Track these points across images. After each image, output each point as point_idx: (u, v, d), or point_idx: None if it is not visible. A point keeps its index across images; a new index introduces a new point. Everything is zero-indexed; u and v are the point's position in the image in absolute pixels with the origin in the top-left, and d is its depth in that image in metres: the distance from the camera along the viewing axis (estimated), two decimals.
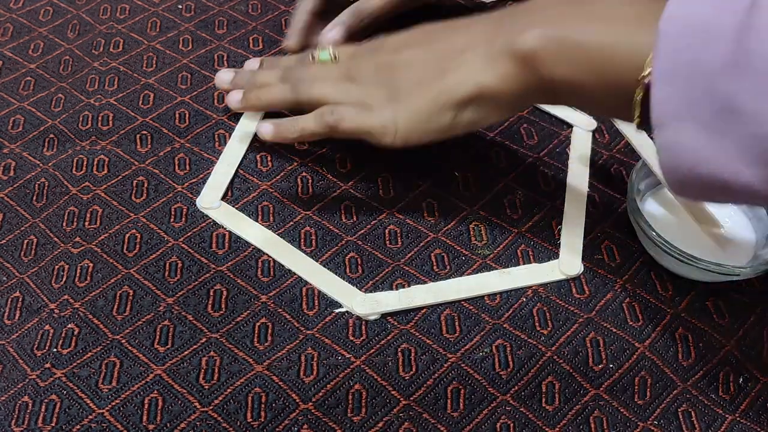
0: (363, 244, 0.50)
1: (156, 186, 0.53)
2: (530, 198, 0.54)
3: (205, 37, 0.66)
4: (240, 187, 0.54)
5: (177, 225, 0.51)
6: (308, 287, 0.48)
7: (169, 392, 0.43)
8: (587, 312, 0.47)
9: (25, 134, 0.57)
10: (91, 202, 0.52)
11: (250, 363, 0.44)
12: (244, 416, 0.42)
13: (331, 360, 0.44)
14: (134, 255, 0.49)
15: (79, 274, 0.48)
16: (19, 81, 0.61)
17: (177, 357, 0.44)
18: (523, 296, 0.48)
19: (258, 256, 0.50)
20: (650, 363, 0.45)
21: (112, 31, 0.66)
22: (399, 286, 0.48)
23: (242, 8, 0.69)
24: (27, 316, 0.46)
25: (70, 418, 0.41)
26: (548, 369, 0.45)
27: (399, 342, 0.45)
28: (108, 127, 0.57)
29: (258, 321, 0.46)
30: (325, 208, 0.53)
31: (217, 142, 0.57)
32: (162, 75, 0.62)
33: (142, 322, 0.46)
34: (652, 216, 0.50)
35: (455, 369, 0.44)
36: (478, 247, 0.51)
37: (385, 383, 0.44)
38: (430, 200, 0.53)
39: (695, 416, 0.44)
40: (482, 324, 0.46)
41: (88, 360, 0.44)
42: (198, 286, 0.48)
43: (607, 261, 0.50)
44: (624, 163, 0.56)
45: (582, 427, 0.43)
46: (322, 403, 0.43)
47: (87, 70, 0.62)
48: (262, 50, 0.64)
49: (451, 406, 0.43)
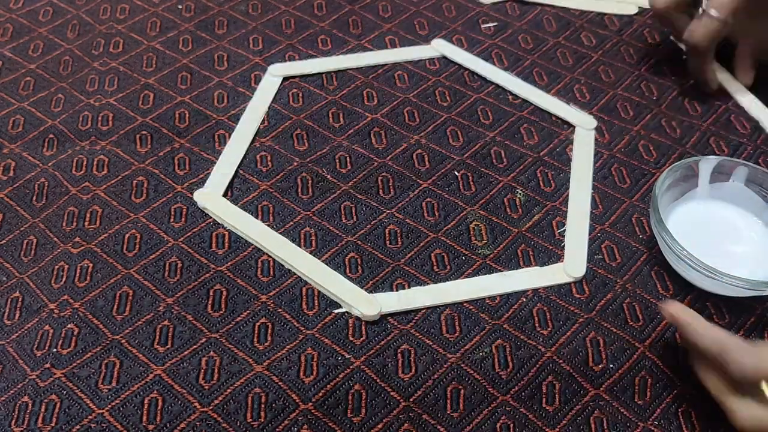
0: (363, 244, 0.50)
1: (156, 186, 0.53)
2: (530, 198, 0.54)
3: (205, 37, 0.65)
4: (240, 187, 0.54)
5: (177, 225, 0.51)
6: (308, 287, 0.48)
7: (169, 392, 0.43)
8: (587, 312, 0.47)
9: (25, 134, 0.57)
10: (90, 202, 0.52)
11: (250, 363, 0.44)
12: (244, 416, 0.42)
13: (331, 360, 0.44)
14: (134, 255, 0.49)
15: (78, 274, 0.48)
16: (19, 81, 0.61)
17: (177, 357, 0.44)
18: (523, 296, 0.48)
19: (258, 256, 0.49)
20: (650, 363, 0.45)
21: (112, 31, 0.66)
22: (399, 286, 0.48)
23: (242, 8, 0.69)
24: (27, 316, 0.46)
25: (70, 418, 0.41)
26: (548, 369, 0.45)
27: (399, 342, 0.45)
28: (108, 127, 0.57)
29: (258, 321, 0.46)
30: (325, 208, 0.53)
31: (217, 142, 0.57)
32: (162, 75, 0.62)
33: (141, 322, 0.46)
34: (677, 229, 0.48)
35: (455, 369, 0.44)
36: (478, 247, 0.51)
37: (385, 384, 0.44)
38: (430, 200, 0.53)
39: (695, 416, 0.44)
40: (482, 324, 0.46)
41: (87, 360, 0.44)
42: (198, 286, 0.48)
43: (607, 261, 0.50)
44: (624, 163, 0.56)
45: (582, 427, 0.43)
46: (322, 403, 0.43)
47: (87, 70, 0.62)
48: (262, 50, 0.64)
49: (450, 407, 0.43)
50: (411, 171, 0.55)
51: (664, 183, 0.49)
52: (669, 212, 0.50)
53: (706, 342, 0.40)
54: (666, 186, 0.49)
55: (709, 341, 0.40)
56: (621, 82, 0.63)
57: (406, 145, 0.57)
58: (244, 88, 0.61)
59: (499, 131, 0.58)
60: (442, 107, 0.60)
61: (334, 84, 0.62)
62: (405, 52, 0.65)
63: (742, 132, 0.59)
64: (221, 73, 0.62)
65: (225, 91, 0.61)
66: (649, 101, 0.61)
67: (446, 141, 0.57)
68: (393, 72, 0.63)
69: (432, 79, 0.63)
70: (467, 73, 0.63)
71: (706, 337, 0.41)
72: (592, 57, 0.65)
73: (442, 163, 0.56)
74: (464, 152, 0.57)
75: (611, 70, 0.64)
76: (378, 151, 0.56)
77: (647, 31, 0.68)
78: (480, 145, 0.57)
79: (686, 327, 0.42)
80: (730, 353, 0.39)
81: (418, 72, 0.63)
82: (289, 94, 0.61)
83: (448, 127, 0.59)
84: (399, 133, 0.58)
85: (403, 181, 0.55)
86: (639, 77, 0.63)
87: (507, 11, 0.69)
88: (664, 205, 0.49)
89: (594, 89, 0.62)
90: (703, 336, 0.41)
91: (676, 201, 0.51)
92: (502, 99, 0.61)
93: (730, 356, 0.39)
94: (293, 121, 0.59)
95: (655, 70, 0.64)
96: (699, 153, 0.57)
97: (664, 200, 0.49)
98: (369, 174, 0.55)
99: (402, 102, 0.60)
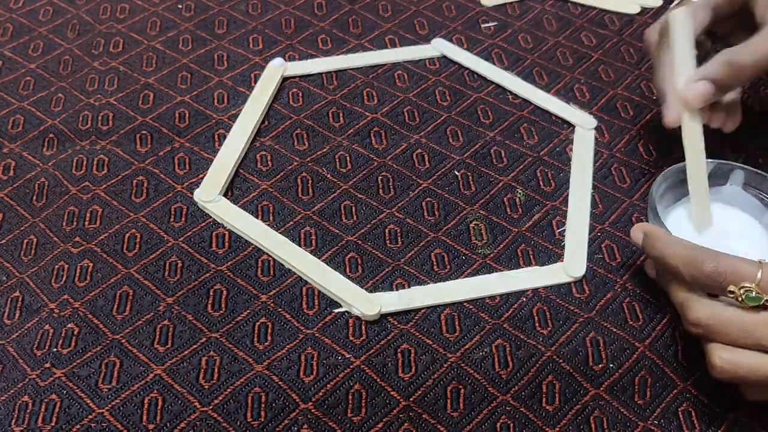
0: (363, 244, 0.50)
1: (156, 186, 0.53)
2: (530, 198, 0.54)
3: (205, 37, 0.65)
4: (240, 186, 0.54)
5: (177, 225, 0.51)
6: (308, 287, 0.48)
7: (169, 392, 0.43)
8: (587, 312, 0.47)
9: (25, 134, 0.57)
10: (90, 201, 0.52)
11: (250, 363, 0.44)
12: (244, 416, 0.42)
13: (331, 360, 0.44)
14: (134, 255, 0.49)
15: (78, 274, 0.48)
16: (19, 81, 0.61)
17: (177, 357, 0.44)
18: (523, 296, 0.48)
19: (258, 255, 0.49)
20: (650, 363, 0.45)
21: (112, 30, 0.66)
22: (399, 286, 0.48)
23: (242, 8, 0.69)
24: (27, 316, 0.46)
25: (70, 418, 0.41)
26: (548, 369, 0.45)
27: (399, 342, 0.45)
28: (108, 127, 0.57)
29: (258, 321, 0.46)
30: (325, 208, 0.53)
31: (217, 142, 0.57)
32: (162, 75, 0.62)
33: (141, 321, 0.46)
34: (676, 233, 0.46)
35: (455, 369, 0.44)
36: (478, 246, 0.51)
37: (385, 383, 0.44)
38: (430, 200, 0.53)
39: (695, 416, 0.44)
40: (482, 324, 0.46)
41: (87, 360, 0.44)
42: (198, 285, 0.48)
43: (607, 261, 0.50)
44: (624, 162, 0.56)
45: (582, 427, 0.43)
46: (322, 403, 0.43)
47: (87, 69, 0.62)
48: (262, 50, 0.64)
49: (450, 406, 0.43)
50: (411, 171, 0.55)
51: (660, 187, 0.49)
52: (666, 215, 0.50)
53: (677, 251, 0.41)
54: (662, 190, 0.49)
55: (679, 250, 0.41)
56: (621, 82, 0.63)
57: (406, 145, 0.57)
58: (244, 88, 0.61)
59: (499, 131, 0.58)
60: (442, 107, 0.60)
61: (334, 84, 0.62)
62: (405, 51, 0.65)
63: None
64: (221, 73, 0.62)
65: (225, 91, 0.61)
66: (649, 101, 0.61)
67: (446, 141, 0.57)
68: (393, 72, 0.63)
69: (432, 78, 0.63)
70: (467, 72, 0.63)
71: (674, 246, 0.42)
72: (592, 57, 0.65)
73: (442, 163, 0.56)
74: (464, 152, 0.57)
75: (611, 69, 0.64)
76: (378, 151, 0.56)
77: None
78: (480, 145, 0.57)
79: (656, 240, 0.43)
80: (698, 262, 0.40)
81: (418, 72, 0.63)
82: (289, 94, 0.61)
83: (448, 126, 0.59)
84: (399, 132, 0.58)
85: (403, 180, 0.55)
86: (639, 77, 0.63)
87: (507, 11, 0.70)
88: (661, 209, 0.49)
89: (594, 89, 0.62)
90: (672, 245, 0.42)
91: (673, 205, 0.50)
92: (502, 99, 0.61)
93: (698, 265, 0.40)
94: (293, 120, 0.59)
95: None
96: None
97: (661, 204, 0.49)
98: (369, 174, 0.55)
99: (402, 102, 0.60)
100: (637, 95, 0.62)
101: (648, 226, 0.45)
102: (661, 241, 0.43)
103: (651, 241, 0.44)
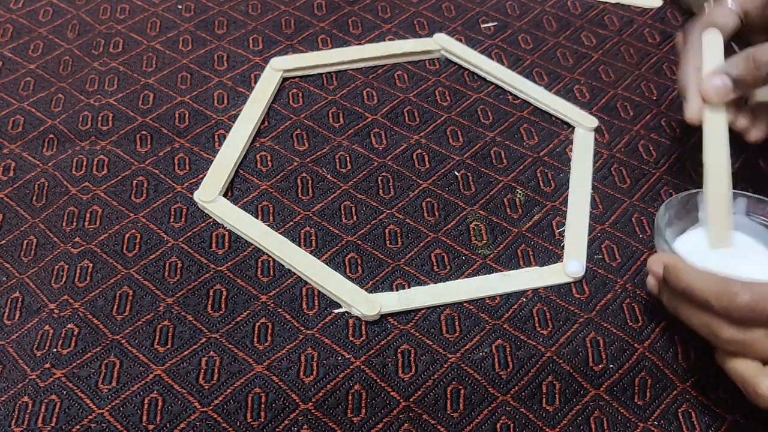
0: (363, 244, 0.50)
1: (156, 186, 0.53)
2: (530, 198, 0.54)
3: (205, 37, 0.65)
4: (240, 187, 0.54)
5: (177, 225, 0.51)
6: (308, 287, 0.48)
7: (169, 392, 0.43)
8: (587, 312, 0.47)
9: (24, 134, 0.57)
10: (90, 202, 0.52)
11: (250, 363, 0.44)
12: (244, 416, 0.42)
13: (331, 360, 0.44)
14: (134, 255, 0.49)
15: (78, 275, 0.48)
16: (19, 81, 0.61)
17: (177, 357, 0.44)
18: (523, 296, 0.48)
19: (258, 256, 0.50)
20: (650, 363, 0.45)
21: (112, 31, 0.66)
22: (399, 286, 0.48)
23: (242, 8, 0.69)
24: (27, 316, 0.46)
25: (69, 418, 0.41)
26: (548, 369, 0.45)
27: (399, 342, 0.45)
28: (108, 127, 0.57)
29: (258, 321, 0.46)
30: (325, 209, 0.53)
31: (217, 142, 0.57)
32: (162, 75, 0.62)
33: (141, 322, 0.46)
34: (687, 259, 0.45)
35: (455, 369, 0.44)
36: (478, 247, 0.51)
37: (385, 384, 0.44)
38: (430, 200, 0.53)
39: (695, 417, 0.44)
40: (482, 324, 0.46)
41: (87, 360, 0.44)
42: (198, 286, 0.48)
43: (608, 261, 0.50)
44: (624, 163, 0.56)
45: (582, 427, 0.43)
46: (322, 403, 0.43)
47: (87, 70, 0.62)
48: (262, 50, 0.64)
49: (450, 407, 0.43)
50: (411, 171, 0.55)
51: (664, 217, 0.47)
52: (674, 245, 0.47)
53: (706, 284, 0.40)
54: (668, 218, 0.47)
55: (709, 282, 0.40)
56: (621, 82, 0.63)
57: (406, 145, 0.57)
58: (244, 88, 0.61)
59: (499, 131, 0.58)
60: (442, 107, 0.60)
61: (334, 84, 0.62)
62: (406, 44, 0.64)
63: None
64: (221, 73, 0.62)
65: (225, 91, 0.61)
66: (649, 101, 0.61)
67: (446, 141, 0.57)
68: (393, 72, 0.63)
69: (432, 79, 0.63)
70: (467, 73, 0.63)
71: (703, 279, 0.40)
72: (592, 57, 0.65)
73: (442, 163, 0.56)
74: (464, 152, 0.57)
75: (611, 70, 0.64)
76: (378, 151, 0.57)
77: (647, 31, 0.68)
78: (480, 145, 0.57)
79: (680, 272, 0.41)
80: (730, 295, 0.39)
81: (418, 72, 0.63)
82: (289, 94, 0.61)
83: (448, 127, 0.59)
84: (399, 133, 0.58)
85: (403, 181, 0.55)
86: (639, 77, 0.63)
87: (507, 11, 0.70)
88: (670, 237, 0.47)
89: (594, 89, 0.62)
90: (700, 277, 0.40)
91: (678, 235, 0.48)
92: (502, 99, 0.61)
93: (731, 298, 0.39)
94: (293, 121, 0.59)
95: (655, 70, 0.64)
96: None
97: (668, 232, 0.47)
98: (369, 174, 0.55)
99: (402, 102, 0.60)
100: (637, 95, 0.62)
101: (667, 257, 0.43)
102: (686, 273, 0.41)
103: (675, 272, 0.41)
